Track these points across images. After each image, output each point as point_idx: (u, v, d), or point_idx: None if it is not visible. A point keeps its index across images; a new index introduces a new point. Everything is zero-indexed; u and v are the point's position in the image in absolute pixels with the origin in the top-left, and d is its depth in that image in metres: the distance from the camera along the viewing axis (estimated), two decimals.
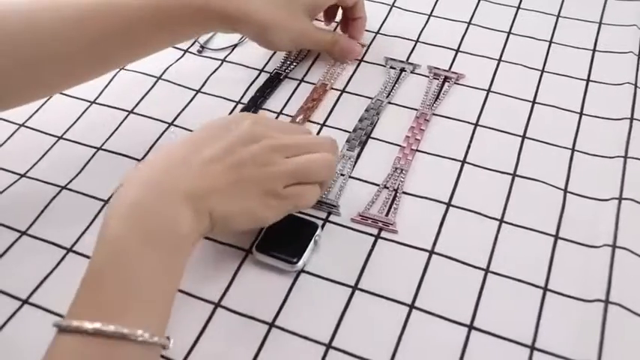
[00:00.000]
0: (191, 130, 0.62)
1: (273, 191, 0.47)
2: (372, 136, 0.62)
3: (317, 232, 0.52)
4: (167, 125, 0.63)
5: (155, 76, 0.68)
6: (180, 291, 0.50)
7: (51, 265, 0.52)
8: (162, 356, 0.46)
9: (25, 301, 0.50)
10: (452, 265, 0.52)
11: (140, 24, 0.55)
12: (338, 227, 0.55)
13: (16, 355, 0.47)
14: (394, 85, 0.66)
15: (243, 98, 0.66)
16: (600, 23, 0.72)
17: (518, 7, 0.75)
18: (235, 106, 0.65)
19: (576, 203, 0.56)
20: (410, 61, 0.69)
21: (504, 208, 0.55)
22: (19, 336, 0.48)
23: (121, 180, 0.45)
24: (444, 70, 0.68)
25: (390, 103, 0.65)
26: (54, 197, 0.57)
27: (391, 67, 0.68)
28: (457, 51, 0.70)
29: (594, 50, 0.69)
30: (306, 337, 0.48)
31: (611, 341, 0.47)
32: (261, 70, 0.69)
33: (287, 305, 0.50)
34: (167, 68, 0.69)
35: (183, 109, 0.65)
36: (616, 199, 0.55)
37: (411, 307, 0.49)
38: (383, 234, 0.54)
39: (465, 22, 0.73)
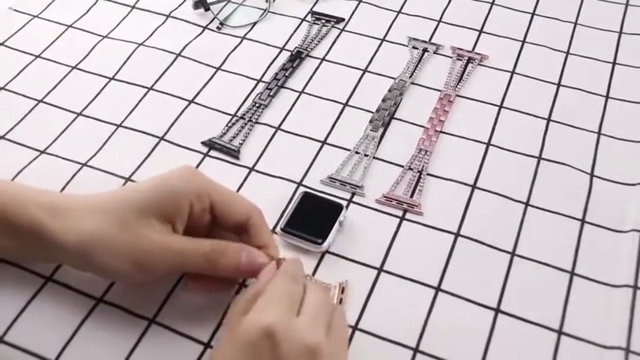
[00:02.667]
0: (211, 108, 0.62)
1: None
2: (395, 116, 0.61)
3: (342, 213, 0.52)
4: (187, 102, 0.62)
5: (174, 53, 0.67)
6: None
7: None
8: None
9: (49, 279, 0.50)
10: (478, 247, 0.51)
11: None
12: (362, 208, 0.54)
13: None
14: (417, 66, 0.65)
15: (264, 76, 0.65)
16: (627, 5, 0.71)
17: None
18: (256, 85, 0.64)
19: (603, 187, 0.55)
20: (433, 41, 0.68)
21: (530, 191, 0.55)
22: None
23: None
24: (468, 51, 0.67)
25: (413, 83, 0.64)
26: (75, 174, 0.57)
27: (414, 47, 0.67)
28: (480, 32, 0.69)
29: (621, 32, 0.68)
30: None
31: None
32: (282, 48, 0.68)
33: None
34: (186, 45, 0.68)
35: (203, 87, 0.64)
36: None
37: (438, 289, 0.49)
38: (408, 215, 0.54)
39: (489, 3, 0.72)
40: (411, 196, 0.55)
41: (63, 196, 0.47)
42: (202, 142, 0.59)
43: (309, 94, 0.63)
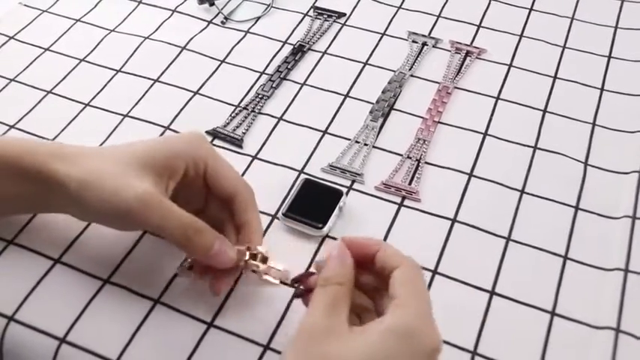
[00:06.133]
0: (216, 99, 0.63)
1: None
2: (394, 107, 0.63)
3: (342, 199, 0.53)
4: (192, 94, 0.64)
5: (180, 46, 0.69)
6: None
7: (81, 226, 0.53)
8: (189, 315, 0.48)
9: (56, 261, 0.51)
10: (474, 233, 0.53)
11: None
12: (362, 195, 0.56)
13: None
14: (416, 59, 0.67)
15: (267, 69, 0.66)
16: (623, 0, 0.73)
17: None
18: (259, 77, 0.66)
19: (596, 176, 0.57)
20: (432, 35, 0.70)
21: (525, 179, 0.56)
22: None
23: None
24: (466, 45, 0.68)
25: (412, 76, 0.66)
26: None
27: (413, 42, 0.69)
28: (479, 26, 0.71)
29: (616, 27, 0.70)
30: None
31: (630, 308, 0.48)
32: (285, 42, 0.69)
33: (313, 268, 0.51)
34: (191, 39, 0.70)
35: (208, 78, 0.65)
36: (636, 172, 0.56)
37: (434, 272, 0.50)
38: (406, 202, 0.55)
39: None
40: (410, 184, 0.56)
41: (68, 145, 0.48)
42: (207, 132, 0.61)
43: (311, 86, 0.65)
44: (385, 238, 0.53)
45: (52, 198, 0.47)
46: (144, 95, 0.64)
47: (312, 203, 0.53)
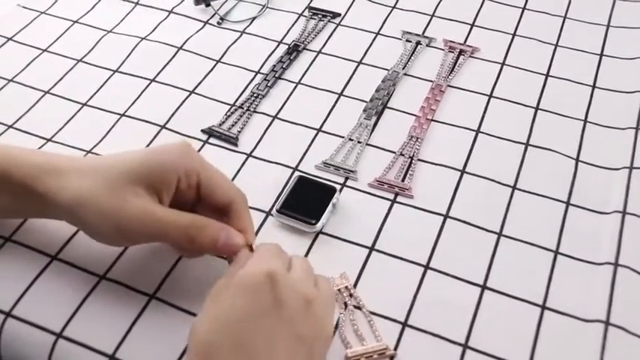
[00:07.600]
0: (211, 98, 0.64)
1: None
2: (388, 105, 0.63)
3: (335, 196, 0.54)
4: (188, 93, 0.65)
5: (176, 47, 0.69)
6: None
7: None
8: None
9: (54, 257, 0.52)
10: (466, 228, 0.53)
11: None
12: (355, 192, 0.56)
13: None
14: (410, 58, 0.68)
15: (262, 69, 0.67)
16: None
17: None
18: (255, 76, 0.66)
19: (588, 172, 0.57)
20: (426, 34, 0.70)
21: (517, 176, 0.57)
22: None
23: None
24: (459, 44, 0.69)
25: (406, 74, 0.66)
26: None
27: (407, 41, 0.70)
28: (472, 25, 0.71)
29: (608, 26, 0.71)
30: None
31: (620, 301, 0.48)
32: (280, 42, 0.70)
33: None
34: (188, 39, 0.70)
35: (204, 78, 0.66)
36: (627, 168, 0.57)
37: (426, 267, 0.51)
38: (399, 199, 0.56)
39: None
40: (402, 181, 0.57)
41: (57, 157, 0.48)
42: (202, 130, 0.61)
43: (306, 85, 0.65)
44: (378, 234, 0.53)
45: (43, 210, 0.47)
46: (140, 95, 0.65)
47: (306, 200, 0.54)
